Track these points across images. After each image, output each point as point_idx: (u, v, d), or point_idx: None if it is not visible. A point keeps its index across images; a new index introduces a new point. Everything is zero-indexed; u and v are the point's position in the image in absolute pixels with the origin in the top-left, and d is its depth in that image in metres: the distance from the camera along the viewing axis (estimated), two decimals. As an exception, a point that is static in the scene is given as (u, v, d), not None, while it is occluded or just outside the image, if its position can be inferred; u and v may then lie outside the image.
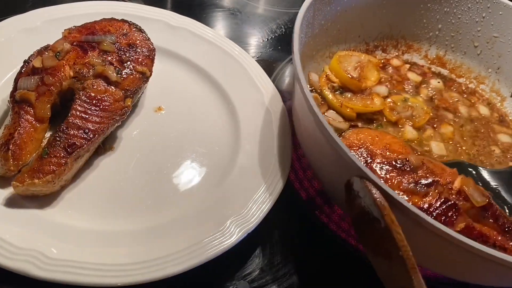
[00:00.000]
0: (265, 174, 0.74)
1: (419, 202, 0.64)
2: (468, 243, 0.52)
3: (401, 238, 0.49)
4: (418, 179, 0.65)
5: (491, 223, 0.65)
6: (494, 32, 0.95)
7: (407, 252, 0.49)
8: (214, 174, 0.76)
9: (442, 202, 0.63)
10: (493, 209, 0.65)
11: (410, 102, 0.85)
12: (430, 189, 0.64)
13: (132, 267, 0.61)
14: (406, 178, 0.65)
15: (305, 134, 0.71)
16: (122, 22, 0.83)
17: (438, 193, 0.64)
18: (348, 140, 0.71)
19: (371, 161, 0.67)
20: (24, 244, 0.60)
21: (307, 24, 0.75)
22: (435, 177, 0.66)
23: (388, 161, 0.67)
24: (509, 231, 0.65)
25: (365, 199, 0.53)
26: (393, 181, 0.65)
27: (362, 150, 0.69)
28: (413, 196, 0.64)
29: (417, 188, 0.64)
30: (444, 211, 0.63)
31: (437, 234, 0.52)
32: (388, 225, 0.50)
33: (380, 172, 0.66)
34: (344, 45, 0.93)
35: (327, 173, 0.69)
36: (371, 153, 0.68)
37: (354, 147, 0.69)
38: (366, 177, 0.53)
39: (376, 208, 0.51)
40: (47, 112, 0.70)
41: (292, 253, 0.73)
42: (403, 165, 0.66)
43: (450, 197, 0.64)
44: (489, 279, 0.64)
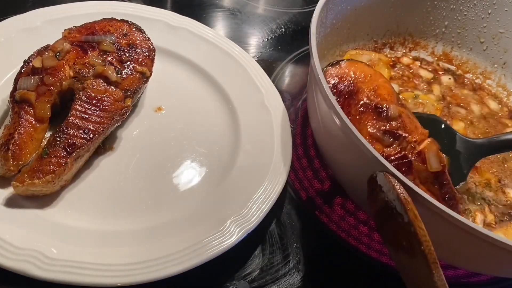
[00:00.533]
0: (265, 174, 0.74)
1: (380, 150, 0.66)
2: (493, 236, 0.53)
3: (423, 233, 0.50)
4: (388, 129, 0.67)
5: (436, 189, 0.66)
6: (500, 28, 0.96)
7: (429, 247, 0.50)
8: (214, 174, 0.76)
9: (399, 157, 0.65)
10: (443, 177, 0.66)
11: (420, 99, 0.86)
12: (395, 142, 0.66)
13: (132, 267, 0.61)
14: (378, 124, 0.67)
15: (325, 134, 0.72)
16: (122, 22, 0.83)
17: (400, 148, 0.66)
18: (342, 69, 0.72)
19: (354, 96, 0.69)
20: (24, 244, 0.60)
21: (320, 24, 0.76)
22: (405, 133, 0.67)
23: (368, 102, 0.68)
24: (447, 200, 0.66)
25: (389, 194, 0.54)
26: (365, 122, 0.67)
27: (350, 83, 0.70)
28: (376, 143, 0.66)
29: (384, 137, 0.66)
30: (397, 165, 0.65)
31: (461, 228, 0.53)
32: (411, 220, 0.50)
33: (356, 108, 0.68)
34: (354, 43, 0.94)
35: (348, 169, 0.70)
36: (356, 89, 0.70)
37: (343, 78, 0.71)
38: (390, 172, 0.54)
39: (399, 203, 0.52)
40: (47, 112, 0.70)
41: (292, 253, 0.73)
42: (381, 111, 0.68)
43: (409, 155, 0.66)
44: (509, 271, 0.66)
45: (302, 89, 0.97)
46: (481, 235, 0.53)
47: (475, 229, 0.53)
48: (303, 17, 1.15)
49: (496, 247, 0.54)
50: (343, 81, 0.71)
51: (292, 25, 1.13)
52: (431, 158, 0.66)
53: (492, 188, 0.79)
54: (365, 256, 0.74)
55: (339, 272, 0.73)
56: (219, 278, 0.67)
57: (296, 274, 0.70)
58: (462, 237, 0.56)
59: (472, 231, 0.53)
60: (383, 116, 0.67)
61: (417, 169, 0.65)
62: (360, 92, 0.69)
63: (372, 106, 0.68)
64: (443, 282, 0.49)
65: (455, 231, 0.55)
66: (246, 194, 0.72)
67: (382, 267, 0.74)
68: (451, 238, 0.58)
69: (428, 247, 0.50)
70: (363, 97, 0.69)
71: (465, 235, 0.54)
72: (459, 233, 0.55)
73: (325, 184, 0.82)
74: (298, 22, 1.14)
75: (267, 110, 0.84)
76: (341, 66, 0.73)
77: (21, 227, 0.62)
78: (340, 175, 0.74)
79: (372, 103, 0.68)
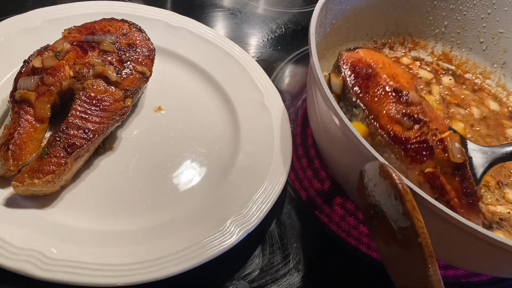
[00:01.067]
0: (265, 174, 0.74)
1: (400, 132, 0.64)
2: (493, 236, 0.53)
3: (421, 225, 0.49)
4: (409, 113, 0.65)
5: (456, 182, 0.64)
6: (499, 28, 0.96)
7: (426, 239, 0.48)
8: (214, 174, 0.76)
9: (420, 140, 0.64)
10: (464, 171, 0.65)
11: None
12: (416, 126, 0.65)
13: (132, 267, 0.61)
14: (398, 107, 0.66)
15: (324, 135, 0.72)
16: (122, 22, 0.83)
17: (421, 132, 0.65)
18: (360, 54, 0.72)
19: (372, 79, 0.68)
20: (24, 244, 0.60)
21: (320, 24, 0.76)
22: (426, 119, 0.66)
23: (388, 86, 0.67)
24: (468, 196, 0.64)
25: (379, 187, 0.52)
26: (383, 104, 0.66)
27: (368, 67, 0.69)
28: (396, 125, 0.65)
29: (403, 119, 0.65)
30: (418, 148, 0.63)
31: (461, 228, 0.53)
32: (409, 211, 0.49)
33: (374, 90, 0.67)
34: (353, 43, 0.94)
35: (347, 169, 0.70)
36: (375, 73, 0.69)
37: (361, 62, 0.70)
38: (384, 163, 0.53)
39: (397, 193, 0.50)
40: (47, 112, 0.70)
41: (292, 253, 0.73)
42: (401, 95, 0.66)
43: (431, 140, 0.64)
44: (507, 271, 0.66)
45: (302, 89, 0.97)
46: (481, 235, 0.53)
47: (475, 229, 0.53)
48: (303, 17, 1.15)
49: (496, 247, 0.54)
50: (361, 64, 0.70)
51: (292, 25, 1.13)
52: (453, 147, 0.64)
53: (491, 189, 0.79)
54: (365, 256, 0.74)
55: (339, 272, 0.73)
56: (219, 278, 0.67)
57: (296, 274, 0.70)
58: (462, 237, 0.56)
59: (472, 231, 0.53)
60: (403, 100, 0.66)
61: (438, 157, 0.64)
62: (378, 76, 0.68)
63: (391, 90, 0.66)
64: (438, 277, 0.48)
65: (455, 231, 0.55)
66: (246, 194, 0.72)
67: (382, 267, 0.74)
68: (451, 238, 0.59)
69: (426, 239, 0.48)
70: (382, 81, 0.68)
71: (465, 235, 0.54)
72: (459, 233, 0.55)
73: (325, 184, 0.82)
74: (298, 22, 1.14)
75: (267, 110, 0.84)
76: (359, 52, 0.73)
77: (21, 227, 0.62)
78: (340, 175, 0.74)
79: (391, 87, 0.67)
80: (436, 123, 0.67)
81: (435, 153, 0.64)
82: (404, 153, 0.64)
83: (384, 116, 0.65)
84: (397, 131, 0.64)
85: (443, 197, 0.63)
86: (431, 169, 0.63)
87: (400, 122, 0.65)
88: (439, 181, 0.63)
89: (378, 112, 0.64)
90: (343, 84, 0.70)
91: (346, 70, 0.70)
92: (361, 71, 0.70)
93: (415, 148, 0.62)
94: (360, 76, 0.69)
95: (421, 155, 0.63)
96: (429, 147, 0.64)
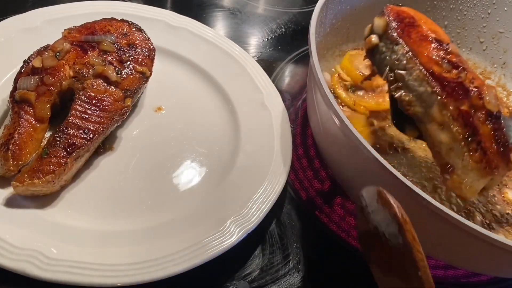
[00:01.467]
0: (265, 174, 0.74)
1: (437, 71, 0.65)
2: (493, 236, 0.53)
3: (421, 257, 0.47)
4: (449, 59, 0.66)
5: (489, 128, 0.64)
6: (499, 28, 0.96)
7: (427, 273, 0.46)
8: (214, 174, 0.76)
9: (458, 82, 0.64)
10: (498, 121, 0.65)
11: None
12: (454, 71, 0.65)
13: (132, 267, 0.61)
14: (438, 52, 0.66)
15: (324, 135, 0.73)
16: (122, 22, 0.83)
17: (459, 76, 0.65)
18: (405, 8, 0.72)
19: (414, 26, 0.69)
20: (24, 244, 0.60)
21: (320, 24, 0.76)
22: (465, 67, 0.66)
23: (430, 36, 0.68)
24: (498, 144, 0.64)
25: (377, 214, 0.50)
26: (425, 47, 0.66)
27: (412, 19, 0.70)
28: (435, 66, 0.65)
29: (444, 62, 0.65)
30: (455, 88, 0.63)
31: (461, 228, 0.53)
32: (409, 242, 0.47)
33: (418, 35, 0.67)
34: (353, 43, 0.94)
35: (347, 169, 0.70)
36: (418, 25, 0.69)
37: (405, 13, 0.71)
38: (383, 190, 0.49)
39: (395, 223, 0.47)
40: (47, 112, 0.70)
41: (292, 253, 0.73)
42: (442, 44, 0.67)
43: (468, 86, 0.64)
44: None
45: (302, 89, 0.97)
46: (481, 235, 0.53)
47: (475, 229, 0.53)
48: (303, 17, 1.15)
49: (496, 247, 0.54)
50: (405, 14, 0.70)
51: (292, 25, 1.13)
52: (490, 95, 0.64)
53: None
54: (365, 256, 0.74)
55: (339, 272, 0.73)
56: (219, 278, 0.67)
57: (296, 274, 0.70)
58: (462, 237, 0.56)
59: (472, 231, 0.53)
60: (443, 49, 0.67)
61: (473, 102, 0.64)
62: (420, 27, 0.69)
63: (433, 39, 0.67)
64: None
65: (455, 231, 0.55)
66: (246, 194, 0.72)
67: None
68: (451, 238, 0.59)
69: (426, 273, 0.46)
70: (423, 31, 0.68)
71: (465, 235, 0.54)
72: (459, 233, 0.55)
73: (325, 184, 0.82)
74: (298, 22, 1.14)
75: (267, 110, 0.84)
76: (403, 7, 0.73)
77: (21, 227, 0.62)
78: (340, 175, 0.74)
79: (432, 37, 0.67)
80: (474, 74, 0.67)
81: (471, 97, 0.64)
82: (441, 88, 0.63)
83: (425, 56, 0.65)
84: (436, 70, 0.65)
85: (474, 136, 0.62)
86: (466, 107, 0.63)
87: (440, 64, 0.65)
88: (472, 121, 0.63)
89: (419, 52, 0.65)
90: (386, 25, 0.70)
91: (390, 14, 0.70)
92: (404, 19, 0.70)
93: (452, 87, 0.63)
94: (403, 22, 0.70)
95: (457, 94, 0.63)
96: (466, 90, 0.64)
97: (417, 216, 0.61)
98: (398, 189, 0.56)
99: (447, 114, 0.63)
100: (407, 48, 0.67)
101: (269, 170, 0.75)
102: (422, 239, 0.67)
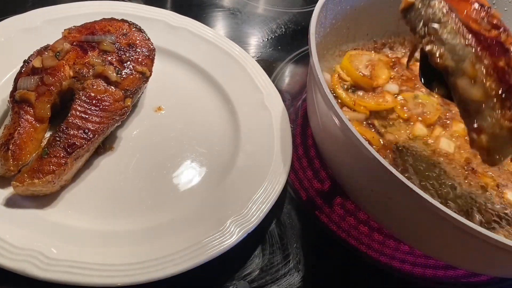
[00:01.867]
0: (265, 174, 0.74)
1: (476, 28, 0.62)
2: (493, 236, 0.53)
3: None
4: (490, 20, 0.64)
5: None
6: None
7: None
8: (214, 174, 0.76)
9: (497, 41, 0.62)
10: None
11: (421, 99, 0.87)
12: (493, 31, 0.63)
13: (132, 267, 0.61)
14: (479, 12, 0.64)
15: (324, 135, 0.73)
16: (122, 22, 0.83)
17: (498, 36, 0.63)
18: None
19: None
20: (24, 244, 0.60)
21: (320, 24, 0.76)
22: (505, 28, 0.64)
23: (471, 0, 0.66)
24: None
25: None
26: (466, 6, 0.64)
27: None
28: (473, 23, 0.63)
29: (482, 21, 0.63)
30: (492, 43, 0.61)
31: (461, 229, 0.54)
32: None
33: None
34: (353, 43, 0.94)
35: (347, 169, 0.70)
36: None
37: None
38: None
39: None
40: (47, 112, 0.70)
41: (292, 253, 0.72)
42: (484, 6, 0.65)
43: (507, 46, 0.62)
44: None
45: (302, 89, 0.97)
46: (481, 235, 0.53)
47: (475, 229, 0.53)
48: (303, 17, 1.15)
49: (496, 247, 0.54)
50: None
51: (292, 25, 1.13)
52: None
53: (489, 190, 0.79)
54: (365, 256, 0.74)
55: (339, 272, 0.73)
56: (219, 278, 0.67)
57: (296, 274, 0.70)
58: (462, 237, 0.56)
59: (472, 231, 0.53)
60: (485, 10, 0.65)
61: (509, 61, 0.61)
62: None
63: (474, 1, 0.65)
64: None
65: (455, 231, 0.55)
66: (246, 194, 0.72)
67: (382, 267, 0.74)
68: (451, 238, 0.59)
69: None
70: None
71: (465, 235, 0.54)
72: (459, 233, 0.55)
73: (325, 184, 0.82)
74: (298, 22, 1.14)
75: (267, 110, 0.84)
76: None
77: (21, 227, 0.62)
78: (340, 175, 0.74)
79: (474, 1, 0.66)
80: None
81: (510, 57, 0.61)
82: (476, 42, 0.61)
83: (464, 14, 0.63)
84: (474, 26, 0.62)
85: (509, 94, 0.59)
86: (503, 63, 0.60)
87: (478, 22, 0.63)
88: (509, 77, 0.60)
89: (458, 10, 0.63)
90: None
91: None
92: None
93: (490, 43, 0.60)
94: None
95: (494, 51, 0.60)
96: (504, 48, 0.61)
97: (417, 216, 0.61)
98: (398, 189, 0.56)
99: (480, 68, 0.59)
100: (444, 4, 0.64)
101: (269, 170, 0.75)
102: (422, 239, 0.67)
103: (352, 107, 0.82)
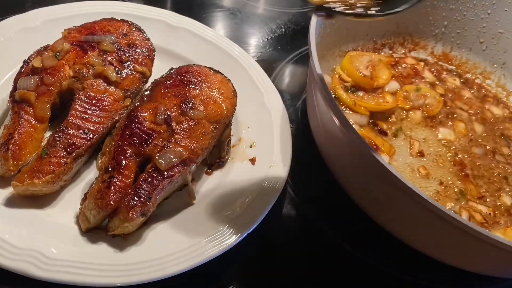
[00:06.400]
0: (265, 174, 0.74)
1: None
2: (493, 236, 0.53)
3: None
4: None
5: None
6: (499, 28, 0.96)
7: None
8: (214, 174, 0.76)
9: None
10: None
11: (423, 92, 0.88)
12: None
13: (132, 267, 0.61)
14: None
15: (324, 134, 0.73)
16: (122, 22, 0.83)
17: None
18: None
19: None
20: (24, 244, 0.60)
21: (320, 24, 0.76)
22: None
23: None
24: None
25: None
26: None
27: None
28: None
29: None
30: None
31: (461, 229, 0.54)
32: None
33: None
34: (353, 43, 0.94)
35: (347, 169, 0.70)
36: None
37: None
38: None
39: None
40: (47, 112, 0.70)
41: (292, 254, 0.72)
42: None
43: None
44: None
45: (302, 89, 0.97)
46: (481, 235, 0.53)
47: (475, 230, 0.53)
48: (303, 17, 1.15)
49: (496, 247, 0.54)
50: None
51: (292, 25, 1.13)
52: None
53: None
54: (365, 257, 0.74)
55: (339, 272, 0.73)
56: (219, 278, 0.67)
57: (296, 275, 0.70)
58: (462, 237, 0.56)
59: (472, 231, 0.53)
60: None
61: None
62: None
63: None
64: None
65: (455, 231, 0.55)
66: (246, 194, 0.72)
67: (382, 268, 0.74)
68: (451, 238, 0.59)
69: None
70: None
71: (465, 235, 0.54)
72: (459, 233, 0.55)
73: (325, 184, 0.82)
74: (298, 22, 1.14)
75: (267, 110, 0.84)
76: None
77: (21, 227, 0.62)
78: (340, 175, 0.74)
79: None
80: None
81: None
82: None
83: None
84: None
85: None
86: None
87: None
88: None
89: None
90: None
91: None
92: None
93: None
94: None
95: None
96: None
97: (417, 216, 0.61)
98: (399, 189, 0.56)
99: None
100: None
101: (269, 170, 0.75)
102: (422, 239, 0.67)
103: (352, 108, 0.82)
